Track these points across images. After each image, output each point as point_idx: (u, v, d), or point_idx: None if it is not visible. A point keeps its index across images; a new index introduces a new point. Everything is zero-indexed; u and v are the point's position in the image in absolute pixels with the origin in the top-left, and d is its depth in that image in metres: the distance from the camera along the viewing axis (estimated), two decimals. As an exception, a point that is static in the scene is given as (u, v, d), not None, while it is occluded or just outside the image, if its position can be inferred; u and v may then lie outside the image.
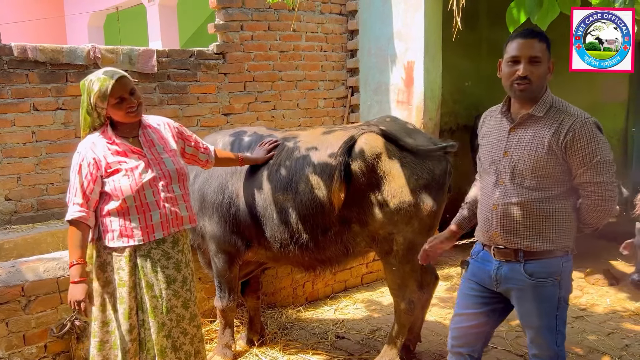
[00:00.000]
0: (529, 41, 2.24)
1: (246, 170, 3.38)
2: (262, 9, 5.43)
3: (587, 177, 2.24)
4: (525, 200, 2.29)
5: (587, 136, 2.20)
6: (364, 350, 3.77)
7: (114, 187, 2.55)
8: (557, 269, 2.32)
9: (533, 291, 2.33)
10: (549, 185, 2.27)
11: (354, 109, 6.25)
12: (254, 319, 3.88)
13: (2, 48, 4.16)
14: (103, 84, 2.49)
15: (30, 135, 4.33)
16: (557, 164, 2.25)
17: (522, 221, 2.31)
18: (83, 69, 4.47)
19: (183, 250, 2.73)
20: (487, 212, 2.43)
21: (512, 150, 2.32)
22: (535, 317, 2.36)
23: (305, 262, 3.43)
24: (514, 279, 2.37)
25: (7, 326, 3.03)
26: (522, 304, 2.39)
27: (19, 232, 4.14)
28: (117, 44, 4.90)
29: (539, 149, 2.25)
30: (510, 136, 2.34)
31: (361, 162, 3.09)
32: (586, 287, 4.88)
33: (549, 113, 2.27)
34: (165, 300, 2.62)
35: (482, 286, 2.50)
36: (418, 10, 5.37)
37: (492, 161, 2.41)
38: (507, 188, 2.33)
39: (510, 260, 2.37)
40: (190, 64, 5.04)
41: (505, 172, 2.34)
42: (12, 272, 3.12)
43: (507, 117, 2.38)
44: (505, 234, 2.35)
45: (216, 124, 5.24)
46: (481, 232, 2.50)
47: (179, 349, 2.66)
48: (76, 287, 2.49)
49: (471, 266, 2.56)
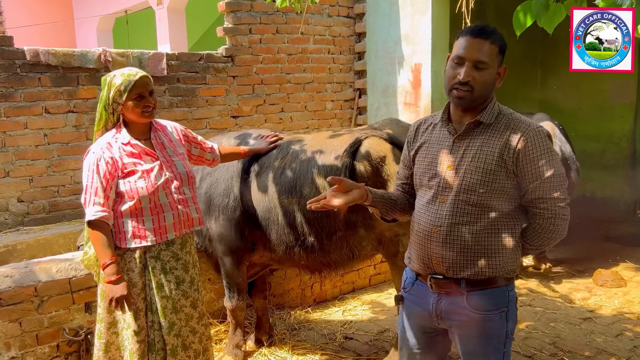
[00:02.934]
0: (479, 42, 1.93)
1: (252, 173, 3.41)
2: (270, 12, 5.48)
3: (539, 192, 1.96)
4: (470, 220, 1.99)
5: (541, 147, 1.94)
6: (372, 351, 3.79)
7: (129, 188, 2.56)
8: (503, 299, 2.03)
9: (478, 326, 2.02)
10: (497, 203, 1.98)
11: (362, 111, 6.28)
12: (262, 319, 3.92)
13: (14, 52, 4.22)
14: (126, 79, 2.54)
15: (42, 137, 4.39)
16: (507, 178, 1.96)
17: (467, 245, 1.99)
18: (94, 72, 4.54)
19: (191, 252, 2.77)
20: (424, 235, 2.06)
21: (457, 163, 2.01)
22: (482, 356, 2.06)
23: (310, 265, 3.44)
24: (456, 313, 2.04)
25: (20, 326, 3.07)
26: (466, 342, 2.08)
27: (32, 233, 4.20)
28: (126, 48, 4.96)
29: (488, 159, 1.95)
30: (454, 147, 2.03)
31: (366, 164, 3.11)
32: (594, 288, 4.87)
33: (498, 120, 2.00)
34: (174, 301, 2.64)
35: (422, 324, 2.17)
36: (425, 13, 5.40)
37: (431, 176, 2.08)
38: (452, 206, 2.00)
39: (450, 292, 2.04)
40: (199, 67, 5.09)
41: (449, 187, 2.01)
42: (26, 273, 3.17)
43: (448, 127, 2.08)
44: (447, 261, 2.02)
45: (225, 126, 5.28)
46: (415, 260, 2.13)
47: (188, 347, 2.69)
48: (117, 286, 2.50)
49: (406, 301, 2.21)
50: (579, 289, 4.86)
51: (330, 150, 3.27)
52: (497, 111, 2.01)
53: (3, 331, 3.01)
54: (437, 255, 2.03)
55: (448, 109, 2.10)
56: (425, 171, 2.11)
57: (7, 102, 4.22)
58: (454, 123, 2.07)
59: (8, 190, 4.30)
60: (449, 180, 2.02)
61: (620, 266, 5.35)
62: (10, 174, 4.30)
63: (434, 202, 2.05)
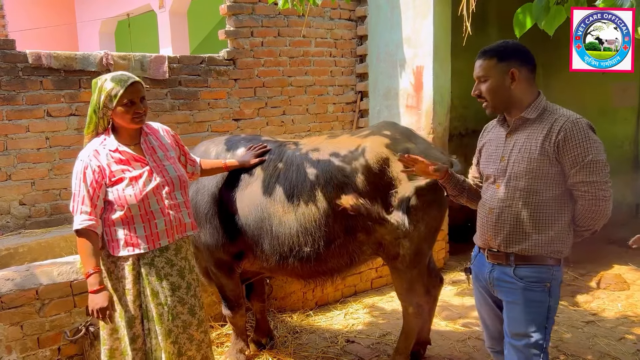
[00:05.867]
0: (477, 62, 2.36)
1: (241, 180, 3.29)
2: (272, 15, 5.49)
3: (579, 177, 2.22)
4: (520, 203, 2.31)
5: (579, 135, 2.19)
6: (374, 354, 3.78)
7: (117, 196, 2.53)
8: (547, 276, 2.32)
9: (523, 294, 2.33)
10: (543, 188, 2.28)
11: (363, 113, 6.28)
12: (261, 321, 3.90)
13: (17, 55, 4.23)
14: (117, 85, 2.50)
15: (44, 140, 4.40)
16: (551, 165, 2.25)
17: (516, 224, 2.33)
18: (96, 75, 4.46)
19: (186, 257, 2.73)
20: (483, 216, 2.47)
21: (508, 155, 2.36)
22: (523, 323, 2.34)
23: (305, 275, 3.35)
24: (504, 281, 2.38)
25: (21, 329, 3.07)
26: (511, 308, 2.38)
27: (33, 236, 4.20)
28: (128, 51, 4.97)
29: (532, 150, 2.27)
30: (506, 142, 2.39)
31: (369, 167, 3.09)
32: (597, 292, 4.85)
33: (543, 115, 2.30)
34: (170, 308, 2.61)
35: (486, 288, 2.54)
36: (427, 16, 5.39)
37: (490, 167, 2.46)
38: (503, 191, 2.36)
39: (501, 263, 2.39)
40: (201, 70, 5.10)
41: (502, 176, 2.37)
42: (27, 276, 3.17)
43: (503, 125, 2.44)
44: (499, 237, 2.37)
45: (226, 129, 5.29)
46: (478, 236, 2.54)
47: (183, 354, 2.66)
48: (97, 296, 2.47)
49: (473, 271, 2.61)
50: (581, 292, 4.84)
51: (329, 156, 3.20)
52: (542, 107, 2.31)
53: (4, 334, 3.01)
54: (491, 232, 2.40)
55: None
56: (486, 163, 2.50)
57: (9, 105, 4.23)
58: (508, 121, 2.42)
59: (10, 193, 4.31)
60: (502, 169, 2.38)
61: (624, 269, 5.34)
62: (12, 177, 4.30)
63: (491, 189, 2.44)
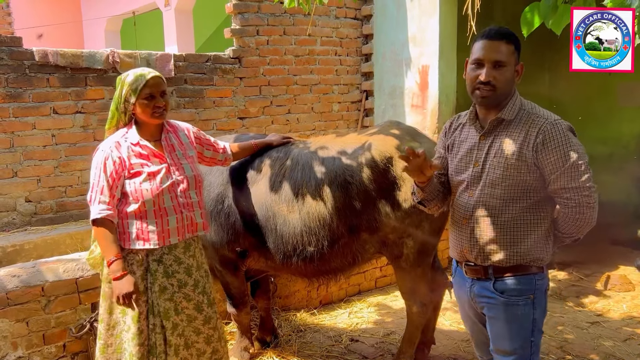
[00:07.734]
0: (495, 43, 2.06)
1: (247, 179, 3.30)
2: (277, 13, 5.49)
3: (560, 182, 2.05)
4: (495, 212, 2.13)
5: (558, 138, 2.02)
6: (378, 353, 3.78)
7: (134, 189, 2.56)
8: (529, 287, 2.15)
9: (505, 310, 2.16)
10: (521, 196, 2.10)
11: (369, 112, 6.27)
12: (265, 319, 3.91)
13: (23, 53, 4.25)
14: (138, 78, 2.56)
15: (50, 138, 4.41)
16: (529, 172, 2.07)
17: (492, 234, 2.14)
18: (102, 73, 4.55)
19: (195, 255, 2.75)
20: (457, 227, 2.28)
21: (483, 159, 2.16)
22: (507, 340, 2.19)
23: (308, 273, 3.35)
24: (485, 297, 2.21)
25: (27, 325, 3.08)
26: (494, 324, 2.22)
27: (39, 233, 4.22)
28: (134, 49, 4.97)
29: (509, 155, 2.08)
30: (480, 144, 2.19)
31: (374, 166, 3.09)
32: (602, 292, 4.84)
33: (520, 116, 2.11)
34: (176, 303, 2.64)
35: (469, 304, 2.36)
36: (433, 15, 5.38)
37: (462, 172, 2.25)
38: (477, 200, 2.17)
39: (480, 277, 2.22)
40: (206, 68, 5.10)
41: (476, 182, 2.18)
42: (33, 273, 3.18)
43: (475, 125, 2.22)
44: (475, 249, 2.19)
45: (232, 127, 5.29)
46: (453, 249, 2.34)
47: (190, 347, 2.68)
48: (121, 282, 2.48)
49: (454, 286, 2.45)
50: (586, 293, 4.83)
51: (334, 156, 3.19)
52: (518, 107, 2.13)
53: (10, 331, 3.02)
54: (467, 244, 2.22)
55: (475, 108, 2.24)
56: (456, 168, 2.28)
57: (16, 103, 4.24)
58: (480, 121, 2.21)
59: (16, 190, 4.32)
60: (475, 175, 2.18)
61: (629, 270, 5.31)
62: (18, 174, 4.32)
63: (464, 196, 2.23)
